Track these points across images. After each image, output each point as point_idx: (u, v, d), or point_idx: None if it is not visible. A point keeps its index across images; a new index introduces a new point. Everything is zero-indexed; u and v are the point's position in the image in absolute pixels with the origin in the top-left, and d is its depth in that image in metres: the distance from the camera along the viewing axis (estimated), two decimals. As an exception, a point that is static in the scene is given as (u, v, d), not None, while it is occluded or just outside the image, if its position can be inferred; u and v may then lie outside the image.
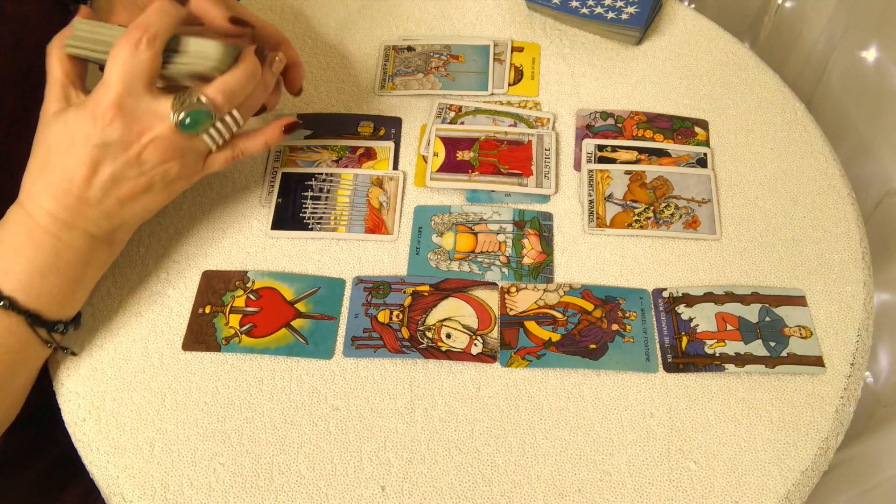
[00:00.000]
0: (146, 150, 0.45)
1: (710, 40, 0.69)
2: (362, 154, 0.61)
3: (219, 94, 0.46)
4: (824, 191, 0.60)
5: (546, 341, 0.52)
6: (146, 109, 0.44)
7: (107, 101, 0.43)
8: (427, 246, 0.56)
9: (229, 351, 0.52)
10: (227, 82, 0.46)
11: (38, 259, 0.45)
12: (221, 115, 0.47)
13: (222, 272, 0.55)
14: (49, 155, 0.45)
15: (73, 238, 0.46)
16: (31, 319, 0.45)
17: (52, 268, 0.46)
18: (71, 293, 0.48)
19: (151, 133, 0.45)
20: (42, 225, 0.45)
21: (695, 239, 0.57)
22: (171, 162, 0.46)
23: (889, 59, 0.81)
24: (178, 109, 0.45)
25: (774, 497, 0.47)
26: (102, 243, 0.48)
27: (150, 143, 0.45)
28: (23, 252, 0.45)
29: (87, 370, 0.51)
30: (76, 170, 0.44)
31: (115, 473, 0.47)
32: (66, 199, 0.45)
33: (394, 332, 0.52)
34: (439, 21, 0.70)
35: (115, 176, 0.45)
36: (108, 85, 0.43)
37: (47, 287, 0.46)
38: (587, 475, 0.48)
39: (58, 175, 0.45)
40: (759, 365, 0.51)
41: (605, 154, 0.61)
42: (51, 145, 0.45)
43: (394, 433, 0.49)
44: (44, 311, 0.46)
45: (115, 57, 0.43)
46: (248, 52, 0.48)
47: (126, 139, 0.44)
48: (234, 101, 0.47)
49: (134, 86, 0.44)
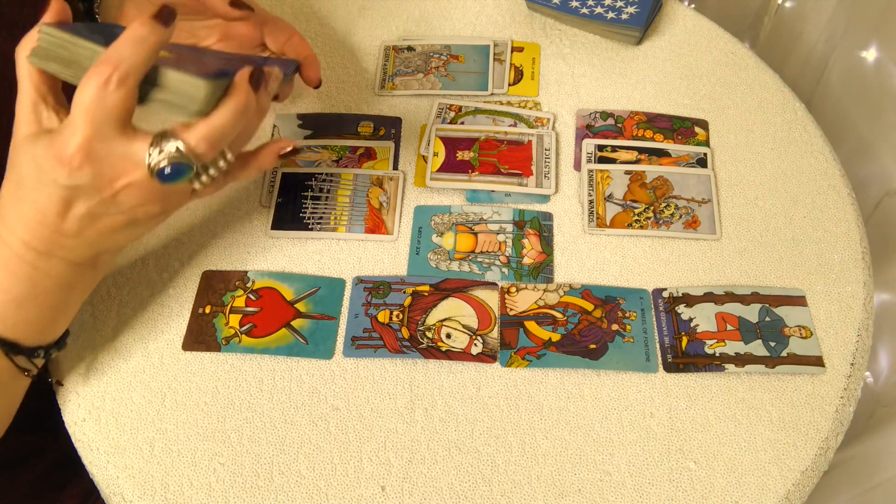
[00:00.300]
0: (121, 194, 0.41)
1: (710, 40, 0.69)
2: (362, 154, 0.61)
3: (202, 143, 0.41)
4: (824, 191, 0.60)
5: (546, 341, 0.52)
6: (119, 154, 0.40)
7: (73, 145, 0.39)
8: (427, 246, 0.56)
9: (229, 351, 0.52)
10: (213, 126, 0.41)
11: (14, 289, 0.42)
12: (205, 163, 0.42)
13: (222, 272, 0.55)
14: (20, 186, 0.41)
15: (51, 266, 0.43)
16: (7, 348, 0.43)
17: (29, 297, 0.43)
18: (51, 320, 0.45)
19: (126, 179, 0.40)
20: (18, 254, 0.42)
21: (695, 239, 0.57)
22: (151, 203, 0.43)
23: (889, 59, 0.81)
24: (156, 158, 0.40)
25: (774, 497, 0.47)
26: (86, 267, 0.45)
27: (125, 188, 0.41)
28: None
29: (87, 370, 0.51)
30: (48, 205, 0.41)
31: (115, 473, 0.47)
32: (40, 230, 0.42)
33: (394, 332, 0.52)
34: (439, 21, 0.70)
35: (91, 213, 0.42)
36: (74, 126, 0.39)
37: (24, 316, 0.43)
38: (587, 475, 0.48)
39: (30, 207, 0.41)
40: (759, 365, 0.51)
41: (605, 154, 0.61)
42: (21, 176, 0.41)
43: (394, 433, 0.49)
44: (21, 339, 0.44)
45: (81, 94, 0.38)
46: (239, 81, 0.42)
47: (97, 184, 0.40)
48: (221, 145, 0.42)
49: (103, 129, 0.39)
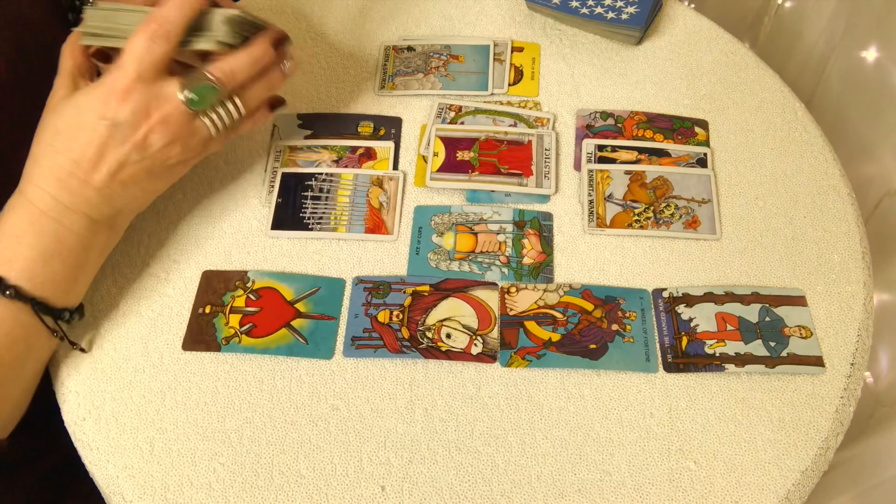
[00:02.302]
0: (153, 132, 0.46)
1: (710, 40, 0.69)
2: (362, 154, 0.61)
3: (221, 71, 0.48)
4: (824, 191, 0.60)
5: (546, 341, 0.52)
6: (156, 93, 0.46)
7: (120, 84, 0.45)
8: (427, 246, 0.56)
9: (229, 351, 0.52)
10: (229, 61, 0.48)
11: (41, 245, 0.46)
12: (225, 90, 0.48)
13: (222, 272, 0.55)
14: (55, 138, 0.46)
15: (74, 222, 0.47)
16: (38, 307, 0.46)
17: (55, 254, 0.46)
18: (74, 279, 0.48)
19: (160, 113, 0.46)
20: (43, 210, 0.46)
21: (695, 239, 0.57)
22: (174, 144, 0.47)
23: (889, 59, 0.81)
24: (185, 87, 0.47)
25: (774, 497, 0.47)
26: (103, 227, 0.49)
27: (158, 123, 0.46)
28: (24, 239, 0.45)
29: (87, 370, 0.51)
30: (84, 151, 0.45)
31: (115, 473, 0.47)
32: (70, 181, 0.46)
33: (394, 332, 0.52)
34: (439, 21, 0.70)
35: (120, 159, 0.46)
36: (122, 69, 0.45)
37: (51, 273, 0.46)
38: (587, 475, 0.48)
39: (63, 157, 0.46)
40: (759, 365, 0.51)
41: (605, 154, 0.61)
42: (58, 128, 0.46)
43: (394, 433, 0.49)
44: (49, 298, 0.46)
45: (132, 45, 0.45)
46: (259, 38, 0.50)
47: (135, 120, 0.46)
48: (236, 79, 0.49)
49: (147, 73, 0.46)
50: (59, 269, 0.47)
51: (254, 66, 0.49)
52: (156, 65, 0.46)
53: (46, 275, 0.46)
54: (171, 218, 0.58)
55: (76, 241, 0.47)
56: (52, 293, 0.47)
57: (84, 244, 0.48)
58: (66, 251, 0.47)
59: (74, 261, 0.47)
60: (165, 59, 0.46)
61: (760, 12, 1.00)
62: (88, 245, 0.48)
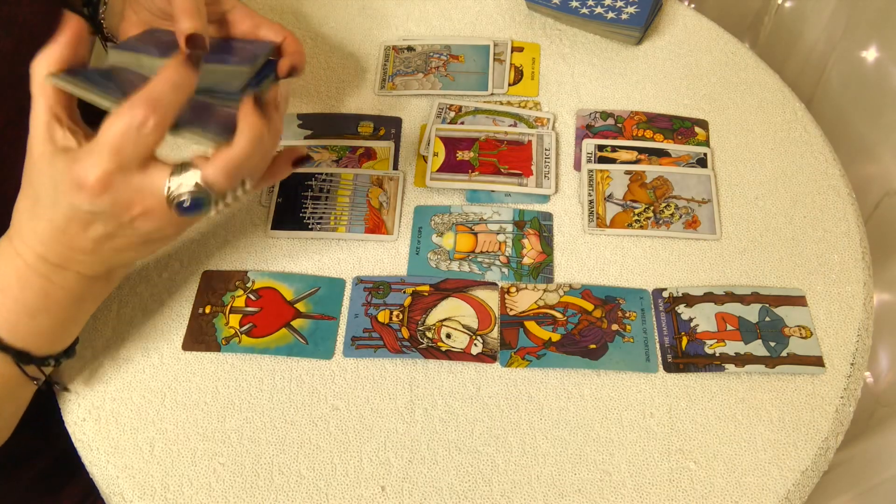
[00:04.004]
0: (138, 220, 0.41)
1: (710, 40, 0.69)
2: (362, 154, 0.61)
3: (221, 176, 0.40)
4: (824, 191, 0.60)
5: (546, 341, 0.52)
6: (137, 186, 0.40)
7: (93, 175, 0.39)
8: (427, 246, 0.56)
9: (229, 351, 0.52)
10: (231, 158, 0.40)
11: (27, 301, 0.43)
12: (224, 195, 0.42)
13: (222, 272, 0.55)
14: (37, 202, 0.42)
15: (64, 279, 0.43)
16: (19, 357, 0.43)
17: (42, 308, 0.43)
18: (62, 330, 0.46)
19: (142, 206, 0.40)
20: (31, 265, 0.42)
21: (695, 239, 0.57)
22: (167, 228, 0.43)
23: (889, 59, 0.81)
24: (175, 191, 0.40)
25: (774, 497, 0.47)
26: (99, 280, 0.45)
27: (142, 215, 0.41)
28: (9, 292, 0.42)
29: (87, 370, 0.51)
30: (65, 225, 0.41)
31: (114, 473, 0.47)
32: (56, 246, 0.42)
33: (394, 332, 0.52)
34: (439, 21, 0.70)
35: (108, 234, 0.42)
36: (98, 157, 0.39)
37: (36, 327, 0.44)
38: (587, 475, 0.48)
39: (46, 224, 0.41)
40: (759, 365, 0.51)
41: (605, 154, 0.61)
42: (38, 192, 0.41)
43: (394, 433, 0.49)
44: (33, 349, 0.44)
45: (112, 128, 0.38)
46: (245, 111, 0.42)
47: (115, 211, 0.40)
48: (240, 177, 0.42)
49: (127, 165, 0.39)
50: (46, 323, 0.44)
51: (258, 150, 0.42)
52: (139, 157, 0.39)
53: (31, 328, 0.43)
54: (171, 218, 0.58)
55: (65, 296, 0.44)
56: (35, 345, 0.44)
57: (75, 298, 0.44)
58: (55, 306, 0.44)
59: (63, 314, 0.45)
60: (152, 149, 0.39)
61: (760, 12, 1.00)
62: (81, 298, 0.45)
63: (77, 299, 0.45)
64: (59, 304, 0.44)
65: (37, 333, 0.44)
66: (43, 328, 0.44)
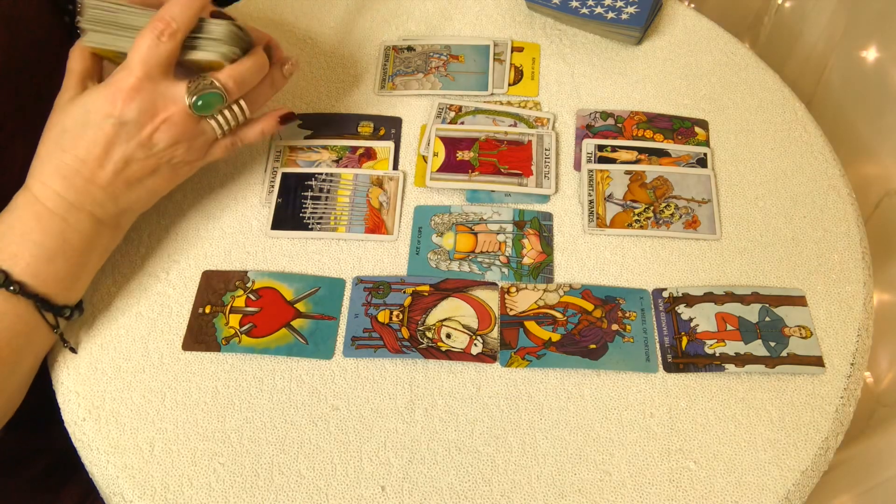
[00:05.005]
0: (158, 131, 0.47)
1: (710, 40, 0.69)
2: (362, 154, 0.61)
3: (230, 80, 0.49)
4: (824, 191, 0.60)
5: (546, 341, 0.52)
6: (162, 93, 0.47)
7: (127, 83, 0.46)
8: (427, 246, 0.56)
9: (229, 351, 0.52)
10: (238, 70, 0.49)
11: (46, 243, 0.46)
12: (231, 99, 0.49)
13: (222, 272, 0.55)
14: (62, 137, 0.46)
15: (79, 221, 0.47)
16: (40, 304, 0.46)
17: (59, 252, 0.47)
18: (76, 278, 0.49)
19: (166, 113, 0.47)
20: (49, 208, 0.46)
21: (695, 239, 0.57)
22: (179, 144, 0.48)
23: (889, 59, 0.81)
24: (192, 93, 0.47)
25: (774, 497, 0.47)
26: (107, 227, 0.49)
27: (164, 123, 0.47)
28: (31, 236, 0.46)
29: (87, 370, 0.51)
30: (90, 149, 0.46)
31: (114, 473, 0.47)
32: (75, 179, 0.46)
33: (394, 332, 0.52)
34: (439, 21, 0.70)
35: (126, 157, 0.47)
36: (129, 69, 0.46)
37: (54, 271, 0.47)
38: (587, 475, 0.48)
39: (70, 155, 0.46)
40: (759, 365, 0.51)
41: (605, 154, 0.61)
42: (66, 127, 0.47)
43: (394, 433, 0.49)
44: (52, 295, 0.47)
45: (139, 44, 0.46)
46: (257, 47, 0.51)
47: (142, 119, 0.46)
48: (244, 87, 0.50)
49: (153, 72, 0.46)
50: (63, 267, 0.47)
51: (259, 74, 0.51)
52: (162, 64, 0.46)
53: (50, 272, 0.46)
54: (171, 217, 0.58)
55: (80, 240, 0.48)
56: (54, 291, 0.47)
57: (88, 243, 0.48)
58: (71, 250, 0.47)
59: (78, 259, 0.48)
60: (172, 58, 0.47)
61: (760, 12, 1.00)
62: (92, 244, 0.49)
63: (89, 245, 0.48)
64: (74, 247, 0.47)
65: (55, 279, 0.47)
66: (60, 273, 0.47)
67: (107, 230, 0.50)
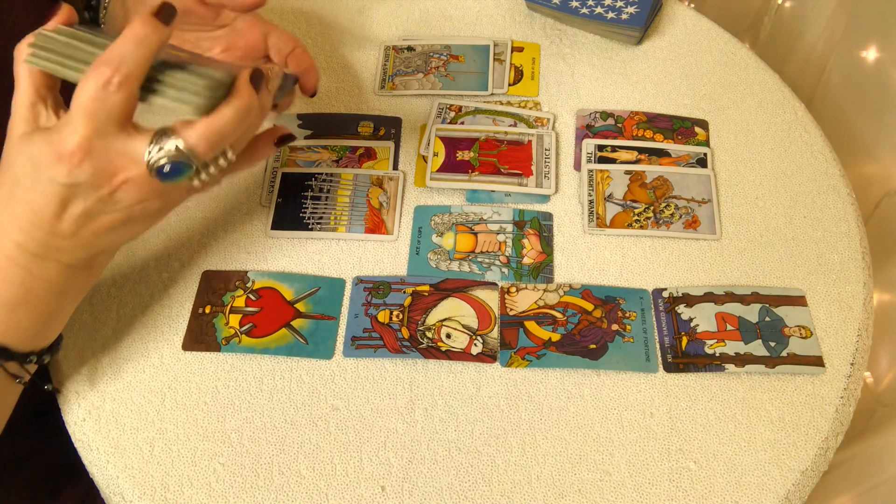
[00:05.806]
0: (119, 191, 0.40)
1: (710, 40, 0.69)
2: (362, 154, 0.61)
3: (202, 142, 0.39)
4: (824, 191, 0.60)
5: (546, 341, 0.52)
6: (119, 151, 0.39)
7: (72, 142, 0.38)
8: (427, 246, 0.56)
9: (229, 351, 0.52)
10: (214, 126, 0.40)
11: (6, 293, 0.41)
12: (205, 162, 0.41)
13: (222, 272, 0.55)
14: (15, 186, 0.40)
15: (44, 270, 0.42)
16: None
17: (22, 301, 0.42)
18: (43, 325, 0.44)
19: (124, 175, 0.40)
20: (10, 256, 0.41)
21: (695, 239, 0.57)
22: (149, 201, 0.42)
23: (889, 59, 0.81)
24: (156, 156, 0.39)
25: (774, 497, 0.47)
26: (80, 270, 0.44)
27: (123, 184, 0.40)
28: None
29: (87, 370, 0.51)
30: (44, 206, 0.40)
31: (114, 473, 0.47)
32: (35, 232, 0.41)
33: (394, 332, 0.52)
34: (439, 21, 0.70)
35: (87, 211, 0.41)
36: (73, 124, 0.38)
37: (15, 321, 0.42)
38: (587, 475, 0.48)
39: (25, 208, 0.40)
40: (759, 365, 0.51)
41: (605, 154, 0.61)
42: (17, 175, 0.40)
43: (394, 433, 0.49)
44: (12, 345, 0.43)
45: (81, 93, 0.38)
46: (241, 81, 0.41)
47: (96, 181, 0.39)
48: (222, 146, 0.41)
49: (104, 128, 0.38)
50: (26, 317, 0.43)
51: (244, 121, 0.41)
52: (113, 118, 0.38)
53: (10, 322, 0.42)
54: (172, 218, 0.58)
55: (47, 289, 0.42)
56: (15, 340, 0.43)
57: (57, 290, 0.43)
58: (35, 299, 0.42)
59: (45, 307, 0.43)
60: (128, 108, 0.38)
61: (760, 12, 1.00)
62: (63, 290, 0.44)
63: (58, 292, 0.43)
64: (39, 297, 0.43)
65: (17, 328, 0.43)
66: (23, 322, 0.43)
67: (80, 273, 0.44)
